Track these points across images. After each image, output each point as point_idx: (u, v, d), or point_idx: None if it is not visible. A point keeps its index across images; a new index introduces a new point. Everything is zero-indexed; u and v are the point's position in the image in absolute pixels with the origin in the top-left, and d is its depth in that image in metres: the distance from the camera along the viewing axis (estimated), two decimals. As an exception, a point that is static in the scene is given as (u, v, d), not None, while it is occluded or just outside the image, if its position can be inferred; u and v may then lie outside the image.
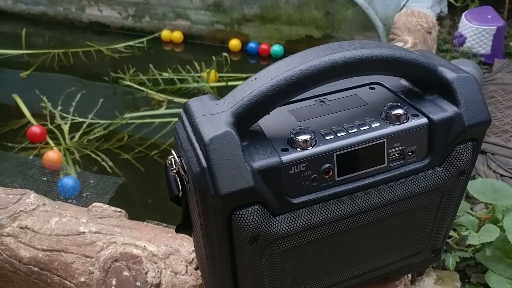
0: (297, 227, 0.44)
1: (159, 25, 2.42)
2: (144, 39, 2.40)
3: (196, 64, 2.11)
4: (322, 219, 0.45)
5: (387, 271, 0.57)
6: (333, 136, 0.44)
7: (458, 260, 0.87)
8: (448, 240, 0.94)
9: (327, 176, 0.44)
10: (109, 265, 0.68)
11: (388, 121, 0.46)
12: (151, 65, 2.10)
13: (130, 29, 2.51)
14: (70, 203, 1.17)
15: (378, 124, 0.46)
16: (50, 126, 1.76)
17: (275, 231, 0.43)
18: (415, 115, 0.47)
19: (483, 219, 0.96)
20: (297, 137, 0.43)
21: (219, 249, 0.44)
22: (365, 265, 0.54)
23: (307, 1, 2.03)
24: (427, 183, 0.48)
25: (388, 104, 0.47)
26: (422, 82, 0.50)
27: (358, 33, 2.00)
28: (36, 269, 0.74)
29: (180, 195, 0.48)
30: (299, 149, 0.43)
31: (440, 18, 1.96)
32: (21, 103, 1.90)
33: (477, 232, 0.87)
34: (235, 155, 0.40)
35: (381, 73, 0.47)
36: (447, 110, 0.47)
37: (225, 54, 2.11)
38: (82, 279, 0.71)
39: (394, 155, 0.46)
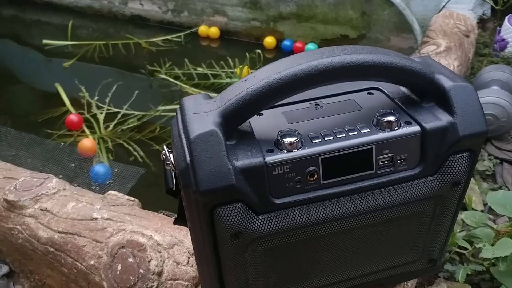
0: (280, 227, 0.45)
1: (197, 20, 2.46)
2: (182, 33, 2.45)
3: (230, 60, 2.14)
4: (306, 221, 0.46)
5: (380, 277, 0.57)
6: (320, 140, 0.45)
7: (469, 272, 0.85)
8: (464, 252, 0.92)
9: (311, 179, 0.45)
10: (116, 251, 0.72)
11: (379, 128, 0.46)
12: (186, 60, 2.15)
13: (169, 23, 2.57)
14: (94, 189, 1.23)
15: (368, 130, 0.46)
16: (86, 115, 1.84)
17: (257, 230, 0.44)
18: (408, 123, 0.46)
19: (502, 233, 0.93)
20: (283, 139, 0.44)
21: (203, 243, 0.46)
22: (356, 270, 0.54)
23: (343, 0, 2.01)
24: (418, 192, 0.48)
25: (381, 110, 0.47)
26: (419, 89, 0.49)
27: (394, 34, 1.96)
28: (52, 249, 0.79)
29: (174, 188, 0.50)
30: (284, 150, 0.44)
31: (482, 21, 1.89)
32: (62, 92, 1.99)
33: (492, 245, 0.85)
34: (218, 153, 0.41)
35: (374, 79, 0.47)
36: (442, 119, 0.46)
37: (258, 51, 2.12)
38: (92, 262, 0.74)
39: (384, 161, 0.46)
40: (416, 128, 0.46)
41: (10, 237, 0.84)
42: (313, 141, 0.44)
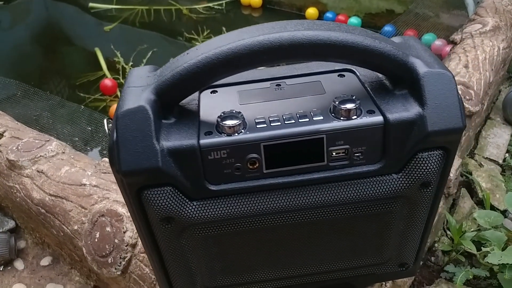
0: (217, 215, 0.42)
1: (241, -12, 2.40)
2: (224, 1, 2.40)
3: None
4: (246, 211, 0.42)
5: (346, 276, 0.52)
6: (265, 125, 0.40)
7: (471, 277, 0.78)
8: (476, 253, 0.84)
9: (252, 167, 0.41)
10: (96, 218, 0.72)
11: (334, 115, 0.41)
12: (224, 28, 2.11)
13: (213, -9, 2.53)
14: (105, 154, 1.24)
15: (321, 117, 0.41)
16: (121, 80, 1.86)
17: (191, 216, 0.41)
18: (370, 112, 0.41)
19: (519, 237, 0.84)
20: (223, 122, 0.40)
21: (138, 226, 0.44)
22: (317, 266, 0.50)
23: (391, -29, 1.87)
24: (379, 191, 0.43)
25: (341, 96, 0.41)
26: (392, 75, 0.43)
27: (445, 10, 1.80)
28: (43, 210, 0.80)
29: None
30: (223, 134, 0.40)
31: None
32: (100, 56, 2.02)
33: (502, 250, 0.77)
34: (145, 132, 0.38)
35: (331, 60, 0.42)
36: (410, 110, 0.40)
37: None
38: (76, 227, 0.75)
39: (339, 154, 0.41)
40: (378, 118, 0.40)
41: (11, 195, 0.87)
42: (257, 126, 0.40)
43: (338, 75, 0.47)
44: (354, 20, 2.06)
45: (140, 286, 0.68)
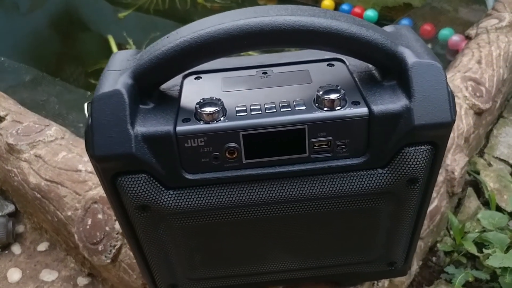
0: (194, 205, 0.41)
1: (257, -22, 2.37)
2: (239, -10, 2.38)
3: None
4: (225, 202, 0.41)
5: (333, 273, 0.51)
6: (245, 114, 0.39)
7: (470, 279, 0.75)
8: (479, 255, 0.82)
9: (231, 156, 0.39)
10: (89, 205, 0.71)
11: (317, 105, 0.39)
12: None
13: (229, -21, 2.50)
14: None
15: (304, 107, 0.39)
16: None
17: (168, 205, 0.40)
18: (355, 103, 0.39)
19: (526, 240, 0.81)
20: (201, 109, 0.38)
21: (115, 213, 0.43)
22: (303, 261, 0.49)
23: (409, -37, 1.81)
24: (363, 185, 0.41)
25: (325, 86, 0.39)
26: (380, 64, 0.41)
27: (464, 5, 1.74)
28: (38, 195, 0.80)
29: None
30: (201, 121, 0.38)
31: None
32: (113, 43, 2.02)
33: (505, 253, 0.74)
34: (119, 117, 0.37)
35: (316, 47, 0.40)
36: (396, 102, 0.38)
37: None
38: (69, 213, 0.75)
39: (321, 145, 0.39)
40: (363, 110, 0.38)
41: (9, 179, 0.88)
42: (237, 115, 0.39)
43: (328, 65, 0.45)
44: (370, 13, 2.01)
45: (130, 275, 0.67)
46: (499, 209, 0.93)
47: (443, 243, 0.86)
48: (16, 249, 0.90)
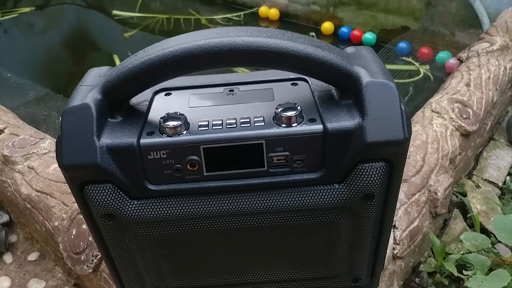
0: (157, 215, 0.42)
1: (259, 1, 2.43)
2: (242, 13, 2.44)
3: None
4: (186, 213, 0.42)
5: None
6: (206, 128, 0.41)
7: (449, 300, 0.75)
8: (463, 277, 0.82)
9: (192, 169, 0.41)
10: (75, 215, 0.74)
11: (276, 122, 0.41)
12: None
13: (233, 2, 2.56)
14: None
15: (262, 123, 0.41)
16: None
17: (132, 215, 0.42)
18: (312, 120, 0.41)
19: (507, 263, 0.81)
20: (165, 123, 0.41)
21: (85, 220, 0.45)
22: (264, 274, 0.50)
23: (408, -12, 1.85)
24: (320, 200, 0.42)
25: (284, 103, 0.42)
26: (336, 84, 0.43)
27: (461, 29, 1.77)
28: (29, 206, 0.83)
29: None
30: (164, 135, 0.41)
31: None
32: (118, 62, 2.08)
33: (486, 275, 0.74)
34: (86, 129, 0.40)
35: (274, 67, 0.42)
36: (349, 120, 0.40)
37: (312, 33, 2.04)
38: (56, 224, 0.77)
39: (279, 160, 0.41)
40: (318, 127, 0.40)
41: (3, 189, 0.90)
42: (199, 129, 0.41)
43: (292, 84, 0.47)
44: (369, 35, 2.05)
45: (110, 285, 0.69)
46: (485, 231, 0.93)
47: (427, 264, 0.87)
48: (7, 258, 0.92)
